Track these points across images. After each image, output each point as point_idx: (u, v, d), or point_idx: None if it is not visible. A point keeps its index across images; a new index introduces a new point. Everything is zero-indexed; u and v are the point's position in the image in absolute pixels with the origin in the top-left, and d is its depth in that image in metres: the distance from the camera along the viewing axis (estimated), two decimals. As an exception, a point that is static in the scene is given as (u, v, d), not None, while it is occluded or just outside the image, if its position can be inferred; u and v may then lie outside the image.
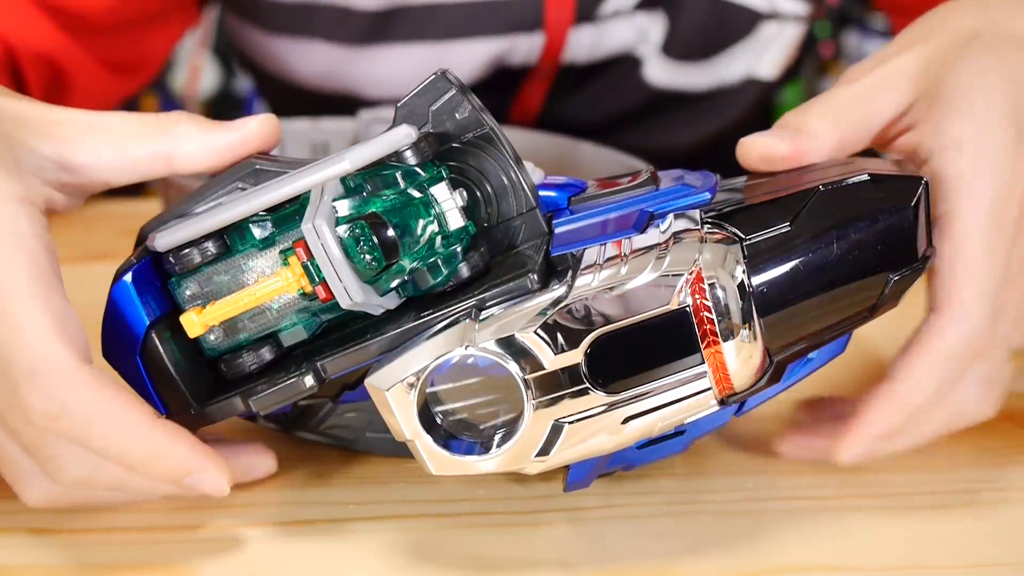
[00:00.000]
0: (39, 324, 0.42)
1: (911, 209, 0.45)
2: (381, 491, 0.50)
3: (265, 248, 0.45)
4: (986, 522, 0.49)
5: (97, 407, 0.42)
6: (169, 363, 0.45)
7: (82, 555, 0.46)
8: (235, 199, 0.45)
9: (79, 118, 0.46)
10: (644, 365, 0.43)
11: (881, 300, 0.45)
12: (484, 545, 0.47)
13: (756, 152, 0.47)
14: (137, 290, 0.45)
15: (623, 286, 0.42)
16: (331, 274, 0.43)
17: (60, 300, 0.43)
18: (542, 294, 0.43)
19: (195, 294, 0.46)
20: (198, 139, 0.46)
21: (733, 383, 0.43)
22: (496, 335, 0.42)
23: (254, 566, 0.46)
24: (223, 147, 0.46)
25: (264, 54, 0.83)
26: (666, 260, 0.42)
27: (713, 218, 0.44)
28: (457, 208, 0.44)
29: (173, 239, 0.45)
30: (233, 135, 0.46)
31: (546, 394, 0.42)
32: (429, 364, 0.42)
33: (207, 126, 0.46)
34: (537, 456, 0.43)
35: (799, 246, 0.44)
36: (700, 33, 0.80)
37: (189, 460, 0.44)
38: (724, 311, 0.42)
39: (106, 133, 0.46)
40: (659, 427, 0.44)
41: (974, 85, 0.48)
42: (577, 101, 0.83)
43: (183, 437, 0.44)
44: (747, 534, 0.48)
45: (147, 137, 0.46)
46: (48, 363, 0.42)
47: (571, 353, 0.42)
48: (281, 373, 0.45)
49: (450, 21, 0.77)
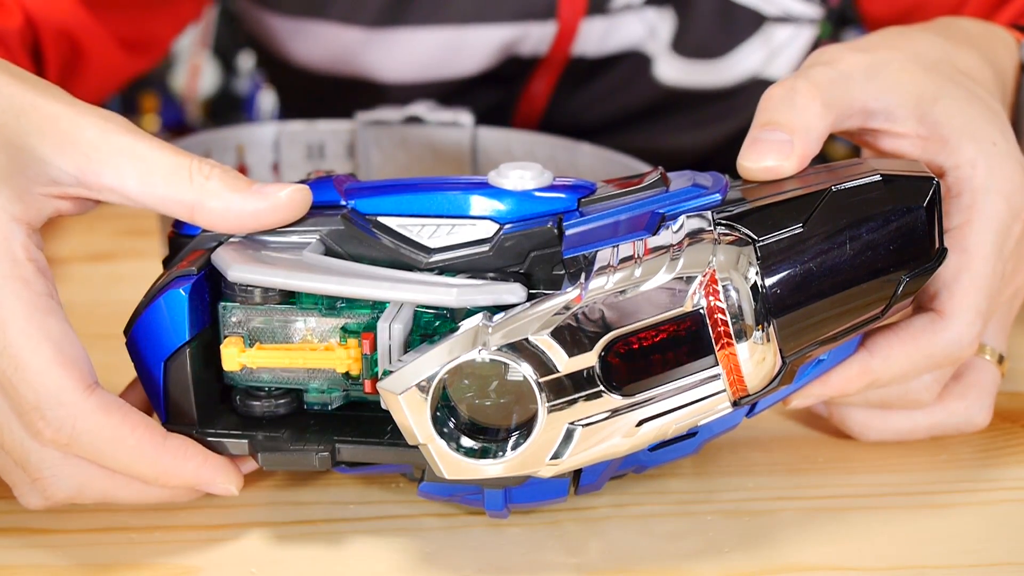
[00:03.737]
0: (41, 356, 0.41)
1: (923, 209, 0.45)
2: (381, 491, 0.50)
3: (328, 315, 0.45)
4: (985, 522, 0.49)
5: (107, 433, 0.42)
6: (191, 381, 0.45)
7: (82, 555, 0.46)
8: (326, 270, 0.44)
9: (113, 141, 0.44)
10: (658, 368, 0.42)
11: (893, 300, 0.45)
12: (486, 545, 0.47)
13: (760, 176, 0.47)
14: (190, 304, 0.45)
15: (637, 288, 0.42)
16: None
17: (59, 325, 0.42)
18: (556, 296, 0.42)
19: (240, 323, 0.45)
20: (226, 200, 0.44)
21: (747, 384, 0.43)
22: (509, 338, 0.42)
23: (254, 566, 0.46)
24: (248, 213, 0.44)
25: (276, 39, 0.84)
26: (680, 262, 0.42)
27: (725, 219, 0.44)
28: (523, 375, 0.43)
29: (247, 277, 0.44)
30: (261, 204, 0.44)
31: (560, 397, 0.42)
32: (442, 367, 0.42)
33: (237, 187, 0.44)
34: (551, 460, 0.43)
35: (812, 247, 0.44)
36: (709, 31, 0.81)
37: (199, 475, 0.45)
38: (738, 313, 0.42)
39: (136, 163, 0.44)
40: (673, 429, 0.43)
41: (967, 114, 0.49)
42: (585, 97, 0.84)
43: (193, 453, 0.44)
44: (749, 534, 0.48)
45: (176, 182, 0.44)
46: (54, 396, 0.42)
47: (585, 356, 0.42)
48: (294, 434, 0.45)
49: (464, 6, 0.78)
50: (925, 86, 0.49)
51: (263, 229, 0.45)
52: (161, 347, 0.45)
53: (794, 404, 0.49)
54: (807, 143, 0.47)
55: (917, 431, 0.53)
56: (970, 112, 0.49)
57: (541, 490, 0.46)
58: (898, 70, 0.49)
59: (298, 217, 0.45)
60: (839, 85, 0.48)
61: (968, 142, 0.49)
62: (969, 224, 0.48)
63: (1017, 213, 0.49)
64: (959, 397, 0.52)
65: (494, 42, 0.79)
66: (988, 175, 0.48)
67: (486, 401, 0.44)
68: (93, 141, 0.44)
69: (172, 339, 0.45)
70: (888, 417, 0.52)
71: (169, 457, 0.44)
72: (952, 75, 0.51)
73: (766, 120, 0.47)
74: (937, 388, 0.51)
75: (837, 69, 0.49)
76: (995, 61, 0.55)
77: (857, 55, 0.50)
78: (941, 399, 0.52)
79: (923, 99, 0.49)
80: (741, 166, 0.47)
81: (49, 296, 0.43)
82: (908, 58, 0.50)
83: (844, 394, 0.49)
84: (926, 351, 0.48)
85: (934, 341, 0.48)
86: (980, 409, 0.52)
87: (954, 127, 0.49)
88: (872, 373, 0.48)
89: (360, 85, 0.82)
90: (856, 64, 0.49)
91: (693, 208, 0.44)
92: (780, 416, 0.56)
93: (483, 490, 0.46)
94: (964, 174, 0.49)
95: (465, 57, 0.80)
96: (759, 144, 0.47)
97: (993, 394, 0.53)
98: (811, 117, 0.47)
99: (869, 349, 0.48)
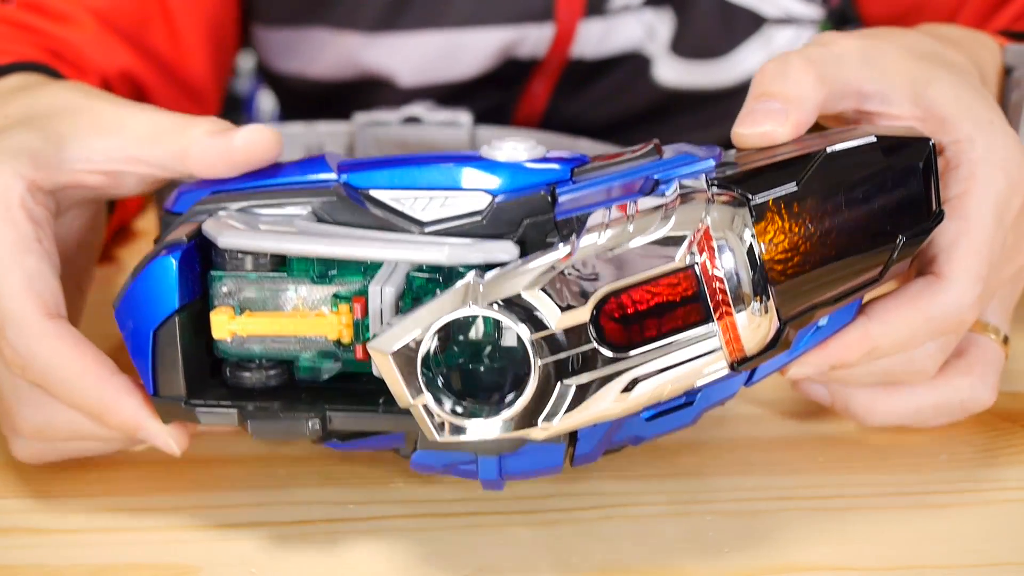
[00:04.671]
0: (10, 283, 0.46)
1: (919, 169, 0.45)
2: (381, 491, 0.50)
3: (319, 282, 0.45)
4: (986, 522, 0.49)
5: (58, 357, 0.45)
6: (180, 350, 0.45)
7: (82, 555, 0.46)
8: (317, 233, 0.44)
9: (128, 117, 0.49)
10: (653, 329, 0.42)
11: (890, 262, 0.45)
12: (484, 545, 0.47)
13: (756, 142, 0.47)
14: (179, 272, 0.44)
15: (628, 244, 0.41)
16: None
17: (36, 263, 0.46)
18: (547, 253, 0.42)
19: (230, 293, 0.45)
20: (203, 144, 0.47)
21: (744, 346, 0.43)
22: (501, 293, 0.41)
23: (254, 566, 0.46)
24: (217, 153, 0.47)
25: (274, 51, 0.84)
26: (672, 219, 0.42)
27: (719, 180, 0.43)
28: (516, 333, 0.42)
29: (238, 243, 0.44)
30: (227, 144, 0.47)
31: (552, 354, 0.41)
32: (433, 323, 0.41)
33: (216, 128, 0.47)
34: (543, 421, 0.42)
35: (807, 207, 0.43)
36: (708, 32, 0.81)
37: (138, 414, 0.46)
38: (735, 280, 0.42)
39: (141, 123, 0.49)
40: (669, 390, 0.43)
41: (961, 96, 0.49)
42: (584, 99, 0.84)
43: (136, 392, 0.46)
44: (748, 534, 0.48)
45: (171, 133, 0.48)
46: (16, 316, 0.46)
47: (578, 311, 0.41)
48: (285, 404, 0.45)
49: (461, 9, 0.78)
50: (918, 72, 0.50)
51: (236, 170, 0.47)
52: (150, 316, 0.45)
53: (792, 372, 0.48)
54: (802, 112, 0.47)
55: (923, 411, 0.52)
56: (964, 95, 0.50)
57: (536, 459, 0.46)
58: (892, 59, 0.50)
59: (269, 155, 0.47)
60: (832, 63, 0.49)
61: (965, 119, 0.49)
62: (968, 193, 0.48)
63: (1016, 186, 0.49)
64: (964, 373, 0.52)
65: (492, 45, 0.79)
66: (987, 148, 0.49)
67: (479, 367, 0.44)
68: (130, 127, 0.49)
69: (161, 308, 0.44)
70: (892, 397, 0.52)
71: (111, 391, 0.46)
72: (944, 63, 0.51)
73: (760, 92, 0.48)
74: (940, 357, 0.50)
75: (831, 50, 0.49)
76: (980, 64, 0.56)
77: (851, 40, 0.50)
78: (946, 376, 0.52)
79: (917, 83, 0.49)
80: (736, 134, 0.47)
81: (35, 240, 0.47)
82: (900, 47, 0.51)
83: (844, 362, 0.48)
84: (926, 313, 0.48)
85: (934, 303, 0.48)
86: (985, 386, 0.52)
87: (950, 107, 0.49)
88: (872, 339, 0.48)
89: (359, 89, 0.83)
90: (850, 48, 0.50)
91: (687, 174, 0.44)
92: (780, 416, 0.56)
93: (477, 459, 0.45)
94: (962, 148, 0.49)
95: (464, 60, 0.80)
96: (754, 113, 0.47)
97: (998, 372, 0.53)
98: (805, 88, 0.47)
99: (868, 314, 0.48)
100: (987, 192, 0.48)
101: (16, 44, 0.66)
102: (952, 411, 0.53)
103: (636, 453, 0.53)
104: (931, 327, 0.48)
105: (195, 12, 0.76)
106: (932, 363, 0.50)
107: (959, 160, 0.49)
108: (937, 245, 0.49)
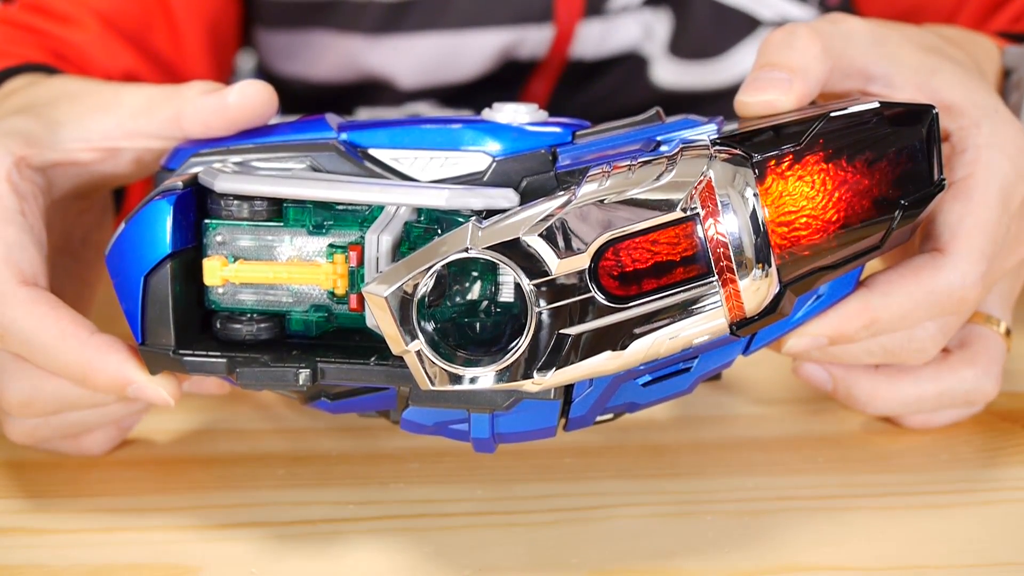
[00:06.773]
0: None
1: (922, 135, 0.45)
2: (381, 491, 0.50)
3: (315, 233, 0.45)
4: (986, 522, 0.49)
5: (35, 323, 0.45)
6: (171, 297, 0.44)
7: (82, 555, 0.46)
8: (315, 178, 0.44)
9: (125, 94, 0.51)
10: (653, 283, 0.42)
11: (891, 229, 0.45)
12: (484, 545, 0.47)
13: (758, 110, 0.47)
14: (173, 216, 0.44)
15: (629, 192, 0.41)
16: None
17: (16, 233, 0.46)
18: (548, 200, 0.41)
19: (224, 243, 0.45)
20: (197, 103, 0.48)
21: (744, 305, 0.42)
22: (500, 237, 0.41)
23: (254, 566, 0.46)
24: (212, 110, 0.47)
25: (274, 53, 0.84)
26: (675, 170, 0.41)
27: (722, 139, 0.43)
28: (513, 284, 0.43)
29: (234, 187, 0.44)
30: (220, 101, 0.47)
31: (551, 302, 0.41)
32: (430, 266, 0.41)
33: (208, 88, 0.48)
34: (538, 372, 0.42)
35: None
36: (705, 32, 0.81)
37: (123, 368, 0.45)
38: (736, 234, 0.41)
39: (137, 98, 0.50)
40: (666, 347, 0.42)
41: (967, 84, 0.50)
42: (583, 100, 0.84)
43: (118, 348, 0.46)
44: (747, 534, 0.48)
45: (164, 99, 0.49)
46: None
47: (577, 258, 0.41)
48: (275, 356, 0.44)
49: (462, 11, 0.78)
50: (923, 61, 0.50)
51: (233, 126, 0.47)
52: (142, 261, 0.44)
53: (790, 344, 0.47)
54: (806, 82, 0.47)
55: (926, 399, 0.52)
56: (969, 84, 0.50)
57: (529, 418, 0.45)
58: (897, 45, 0.50)
59: (264, 110, 0.47)
60: (840, 39, 0.49)
61: (971, 105, 0.49)
62: (973, 176, 0.48)
63: (1021, 174, 0.49)
64: (968, 363, 0.52)
65: (492, 46, 0.79)
66: (992, 134, 0.49)
67: (475, 322, 0.43)
68: (126, 103, 0.50)
69: (153, 252, 0.44)
70: (895, 384, 0.51)
71: (92, 349, 0.45)
72: (948, 57, 0.51)
73: (765, 61, 0.48)
74: (941, 339, 0.50)
75: (840, 27, 0.49)
76: (979, 65, 0.56)
77: (861, 22, 0.50)
78: (950, 365, 0.52)
79: (921, 71, 0.49)
80: (739, 101, 0.47)
81: (18, 212, 0.47)
82: (905, 37, 0.51)
83: (843, 333, 0.47)
84: (927, 287, 0.47)
85: (936, 277, 0.47)
86: (989, 377, 0.52)
87: (956, 93, 0.49)
88: (872, 309, 0.47)
89: (360, 91, 0.83)
90: (859, 28, 0.50)
91: (689, 136, 0.44)
92: (780, 416, 0.56)
93: (469, 418, 0.45)
94: (968, 133, 0.49)
95: (464, 62, 0.80)
96: (759, 81, 0.47)
97: (1001, 364, 0.53)
98: (810, 59, 0.47)
99: (868, 286, 0.48)
100: (993, 175, 0.48)
101: (20, 46, 0.66)
102: (955, 401, 0.52)
103: (636, 453, 0.53)
104: (932, 302, 0.48)
105: (196, 14, 0.76)
106: (932, 344, 0.50)
107: (965, 144, 0.49)
108: (941, 224, 0.48)
